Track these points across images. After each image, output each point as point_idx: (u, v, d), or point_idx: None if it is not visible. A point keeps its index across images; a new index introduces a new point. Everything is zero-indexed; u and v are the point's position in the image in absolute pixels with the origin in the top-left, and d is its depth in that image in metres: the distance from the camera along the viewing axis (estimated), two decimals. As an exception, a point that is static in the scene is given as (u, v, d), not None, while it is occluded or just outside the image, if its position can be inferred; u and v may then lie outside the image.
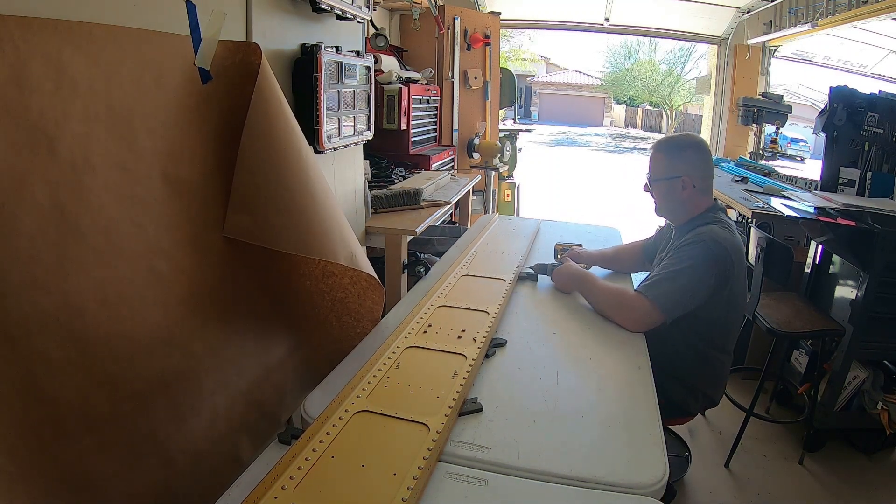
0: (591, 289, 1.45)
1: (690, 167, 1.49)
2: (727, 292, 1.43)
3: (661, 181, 1.53)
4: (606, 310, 1.39)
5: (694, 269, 1.37)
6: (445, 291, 1.45)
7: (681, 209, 1.53)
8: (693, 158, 1.50)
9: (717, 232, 1.42)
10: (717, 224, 1.45)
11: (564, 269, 1.55)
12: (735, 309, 1.50)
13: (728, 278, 1.41)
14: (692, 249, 1.40)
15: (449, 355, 1.11)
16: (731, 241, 1.42)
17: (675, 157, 1.51)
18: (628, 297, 1.39)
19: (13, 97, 0.75)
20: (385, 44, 2.86)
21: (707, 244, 1.39)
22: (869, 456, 2.21)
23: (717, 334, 1.50)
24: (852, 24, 3.59)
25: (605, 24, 5.01)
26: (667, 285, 1.37)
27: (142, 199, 0.98)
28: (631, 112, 24.99)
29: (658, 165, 1.54)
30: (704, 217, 1.49)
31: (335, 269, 1.44)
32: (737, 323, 1.55)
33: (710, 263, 1.38)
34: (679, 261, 1.39)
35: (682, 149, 1.52)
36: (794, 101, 5.61)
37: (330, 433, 0.85)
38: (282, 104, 1.24)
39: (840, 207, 2.17)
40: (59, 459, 0.81)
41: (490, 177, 3.84)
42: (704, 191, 1.52)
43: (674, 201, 1.52)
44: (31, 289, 0.78)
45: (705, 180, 1.52)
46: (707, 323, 1.46)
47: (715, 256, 1.38)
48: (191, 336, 1.09)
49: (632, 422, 0.95)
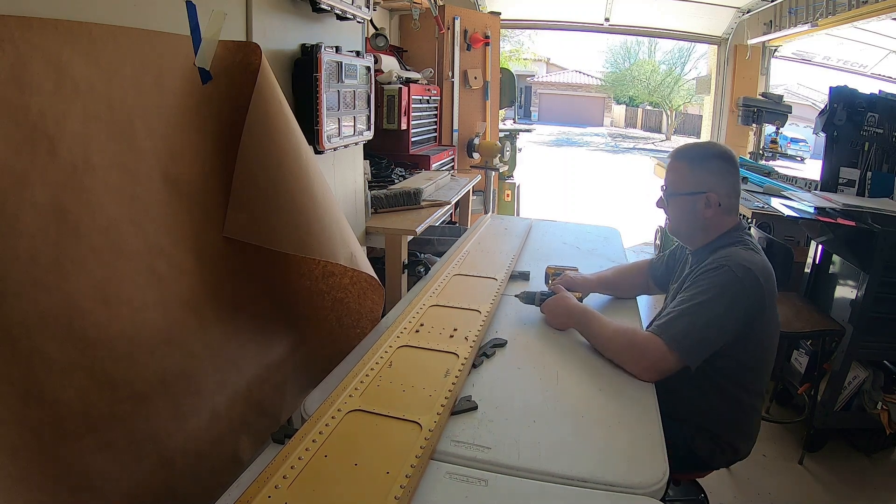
0: (591, 328, 1.22)
1: (716, 181, 1.27)
2: (759, 325, 1.22)
3: (680, 196, 1.31)
4: (612, 353, 1.15)
5: (718, 302, 1.15)
6: (437, 291, 1.45)
7: (700, 230, 1.31)
8: (720, 171, 1.27)
9: (743, 254, 1.20)
10: (740, 245, 1.24)
11: (557, 302, 1.31)
12: (769, 344, 1.29)
13: (761, 309, 1.20)
14: (715, 277, 1.17)
15: (441, 354, 1.11)
16: (760, 264, 1.20)
17: (698, 169, 1.28)
18: (639, 338, 1.15)
19: (13, 97, 0.75)
20: (385, 44, 2.87)
21: (732, 270, 1.17)
22: (869, 456, 2.21)
23: (749, 375, 1.27)
24: (852, 24, 3.59)
25: (605, 24, 5.02)
26: (685, 323, 1.14)
27: (142, 199, 0.98)
28: (631, 112, 24.99)
29: (678, 177, 1.31)
30: (727, 238, 1.27)
31: (335, 269, 1.44)
32: (771, 359, 1.32)
33: (738, 293, 1.16)
34: (699, 292, 1.17)
35: (707, 159, 1.29)
36: (794, 101, 5.62)
37: (323, 432, 0.85)
38: (282, 104, 1.24)
39: (840, 207, 2.17)
40: (60, 459, 0.81)
41: (490, 177, 3.84)
42: (729, 210, 1.29)
43: (693, 220, 1.30)
44: (31, 289, 0.78)
45: (731, 198, 1.29)
46: (737, 362, 1.23)
47: (743, 285, 1.16)
48: (191, 336, 1.09)
49: (632, 422, 0.95)
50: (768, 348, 1.28)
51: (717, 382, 1.24)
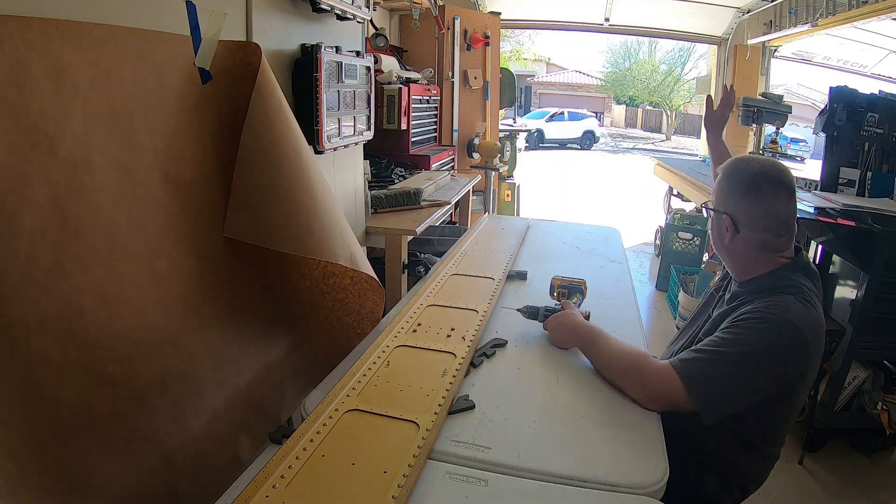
0: (598, 346, 1.09)
1: (743, 209, 1.09)
2: (797, 388, 1.06)
3: (711, 210, 1.18)
4: (617, 374, 1.04)
5: (752, 362, 0.99)
6: (435, 291, 1.44)
7: (728, 257, 1.16)
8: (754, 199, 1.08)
9: (794, 308, 1.02)
10: (794, 294, 1.05)
11: (562, 319, 1.19)
12: (802, 400, 1.13)
13: (803, 373, 1.04)
14: (756, 332, 1.00)
15: (438, 354, 1.11)
16: (812, 322, 1.02)
17: (731, 187, 1.12)
18: (652, 368, 1.02)
19: (13, 97, 0.75)
20: (385, 44, 2.87)
21: (777, 328, 0.99)
22: (869, 456, 2.21)
23: (774, 430, 1.12)
24: (852, 24, 3.59)
25: (605, 24, 5.02)
26: (710, 370, 0.99)
27: (142, 199, 0.99)
28: (631, 112, 24.99)
29: (716, 188, 1.17)
30: (775, 278, 1.09)
31: (335, 269, 1.44)
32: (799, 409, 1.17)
33: (776, 358, 0.99)
34: (734, 342, 1.00)
35: (746, 178, 1.10)
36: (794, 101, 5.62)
37: (320, 432, 0.85)
38: (282, 104, 1.24)
39: (840, 207, 2.17)
40: (60, 459, 0.81)
41: (490, 177, 3.84)
42: (768, 246, 1.10)
43: (719, 242, 1.17)
44: (31, 289, 0.78)
45: (768, 233, 1.09)
46: (765, 419, 1.09)
47: (785, 348, 0.99)
48: (191, 336, 1.09)
49: (632, 422, 0.95)
50: (800, 404, 1.13)
51: (735, 431, 1.09)
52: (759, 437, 1.11)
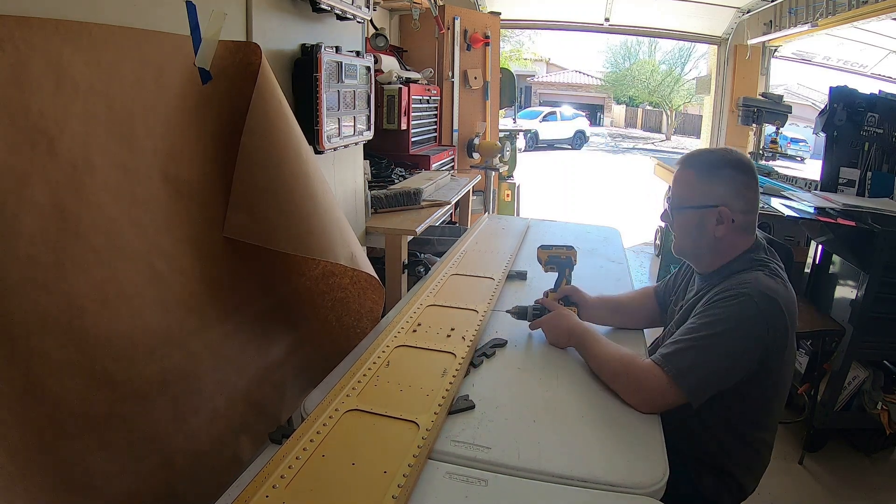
0: (591, 349, 1.11)
1: (730, 194, 1.11)
2: (778, 363, 1.08)
3: (687, 210, 1.15)
4: (608, 379, 1.05)
5: (733, 336, 1.01)
6: (435, 290, 1.44)
7: (709, 251, 1.15)
8: (734, 182, 1.11)
9: (765, 282, 1.05)
10: (761, 270, 1.09)
11: (558, 321, 1.20)
12: (787, 379, 1.14)
13: (783, 346, 1.06)
14: (731, 307, 1.02)
15: (438, 354, 1.11)
16: (784, 294, 1.05)
17: (710, 179, 1.12)
18: (637, 367, 1.02)
19: (13, 97, 0.75)
20: (385, 44, 2.87)
21: (753, 300, 1.02)
22: (869, 456, 2.21)
23: (762, 412, 1.14)
24: (852, 24, 3.59)
25: (605, 24, 5.02)
26: (693, 356, 1.00)
27: (142, 199, 0.99)
28: (631, 112, 25.00)
29: (685, 188, 1.15)
30: (743, 261, 1.12)
31: (335, 269, 1.44)
32: (786, 392, 1.17)
33: (757, 328, 1.01)
34: (711, 322, 1.02)
35: (720, 167, 1.12)
36: (794, 101, 5.63)
37: (320, 432, 0.85)
38: (282, 104, 1.25)
39: (840, 207, 2.17)
40: (60, 459, 0.81)
41: (490, 177, 3.84)
42: (745, 228, 1.14)
43: (701, 239, 1.14)
44: (31, 289, 0.78)
45: (748, 214, 1.13)
46: (749, 400, 1.10)
47: (764, 317, 1.01)
48: (191, 336, 1.09)
49: (632, 422, 0.95)
50: (785, 383, 1.14)
51: (725, 419, 1.11)
52: (744, 421, 1.12)
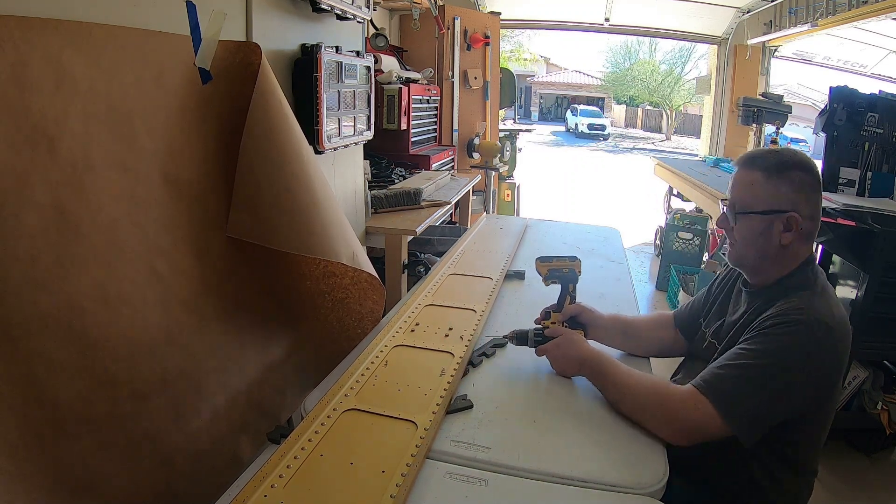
0: (610, 379, 0.98)
1: (799, 199, 0.99)
2: (831, 397, 0.98)
3: (753, 215, 1.01)
4: (635, 409, 0.93)
5: (791, 370, 0.89)
6: (433, 290, 1.44)
7: (772, 261, 1.02)
8: (802, 185, 0.99)
9: (820, 307, 0.94)
10: (815, 290, 0.97)
11: (566, 351, 1.06)
12: (831, 415, 1.02)
13: (837, 379, 0.97)
14: (788, 336, 0.90)
15: (436, 353, 1.11)
16: (840, 320, 0.94)
17: (778, 181, 0.99)
18: (674, 395, 0.92)
19: (13, 97, 0.75)
20: (385, 44, 2.87)
21: (811, 329, 0.90)
22: (869, 456, 2.21)
23: (806, 453, 1.01)
24: (852, 24, 3.59)
25: (605, 24, 5.02)
26: (743, 388, 0.89)
27: (142, 199, 0.99)
28: (631, 112, 25.00)
29: (751, 191, 1.02)
30: (801, 276, 1.00)
31: (336, 269, 1.44)
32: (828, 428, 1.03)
33: (813, 362, 0.90)
34: (766, 351, 0.90)
35: (788, 169, 0.99)
36: (794, 101, 5.63)
37: (319, 432, 0.85)
38: (282, 104, 1.25)
39: (840, 207, 2.17)
40: (60, 459, 0.81)
41: (490, 177, 3.84)
42: (809, 235, 1.02)
43: (766, 247, 1.01)
44: (31, 289, 0.78)
45: (814, 220, 1.01)
46: (793, 438, 0.97)
47: (821, 351, 0.90)
48: (191, 336, 1.09)
49: (632, 422, 0.94)
50: (831, 416, 1.02)
51: (764, 461, 0.98)
52: (782, 459, 0.99)
